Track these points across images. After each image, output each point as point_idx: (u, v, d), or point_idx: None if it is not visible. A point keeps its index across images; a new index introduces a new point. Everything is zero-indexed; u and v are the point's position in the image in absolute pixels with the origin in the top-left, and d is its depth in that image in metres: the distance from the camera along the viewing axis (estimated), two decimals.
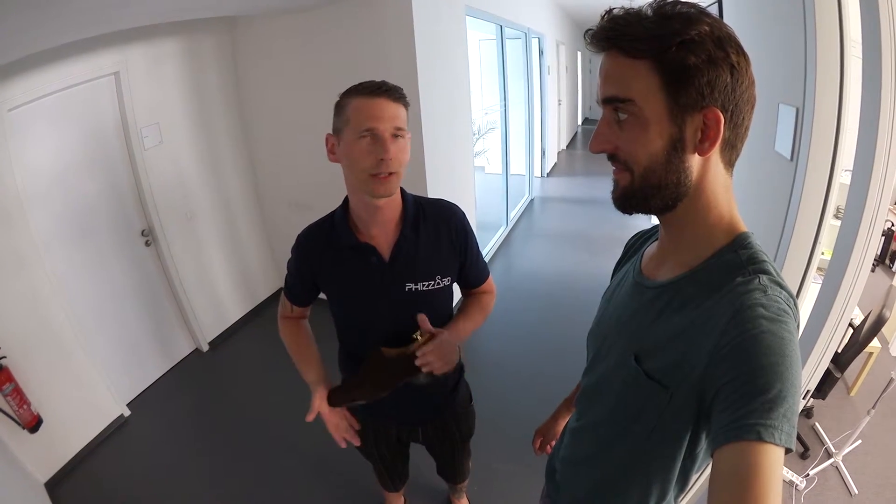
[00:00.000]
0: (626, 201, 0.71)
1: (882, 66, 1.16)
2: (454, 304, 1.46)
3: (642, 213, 0.72)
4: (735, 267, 0.68)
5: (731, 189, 0.71)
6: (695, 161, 0.67)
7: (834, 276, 1.38)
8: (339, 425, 1.34)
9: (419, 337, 1.21)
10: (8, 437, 2.24)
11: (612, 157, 0.70)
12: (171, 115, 3.12)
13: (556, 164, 9.12)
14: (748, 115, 0.66)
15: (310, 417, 1.30)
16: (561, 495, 1.06)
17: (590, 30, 0.67)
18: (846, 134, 1.48)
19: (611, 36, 0.64)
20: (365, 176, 1.13)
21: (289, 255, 1.37)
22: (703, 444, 0.75)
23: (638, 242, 0.98)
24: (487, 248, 5.02)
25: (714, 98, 0.62)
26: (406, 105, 1.17)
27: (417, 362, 1.18)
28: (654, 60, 0.62)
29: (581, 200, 7.04)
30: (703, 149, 0.65)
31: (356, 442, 1.37)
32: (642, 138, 0.65)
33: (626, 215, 0.74)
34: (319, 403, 1.30)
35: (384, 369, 1.25)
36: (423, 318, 1.21)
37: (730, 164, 0.70)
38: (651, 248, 0.87)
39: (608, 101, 0.67)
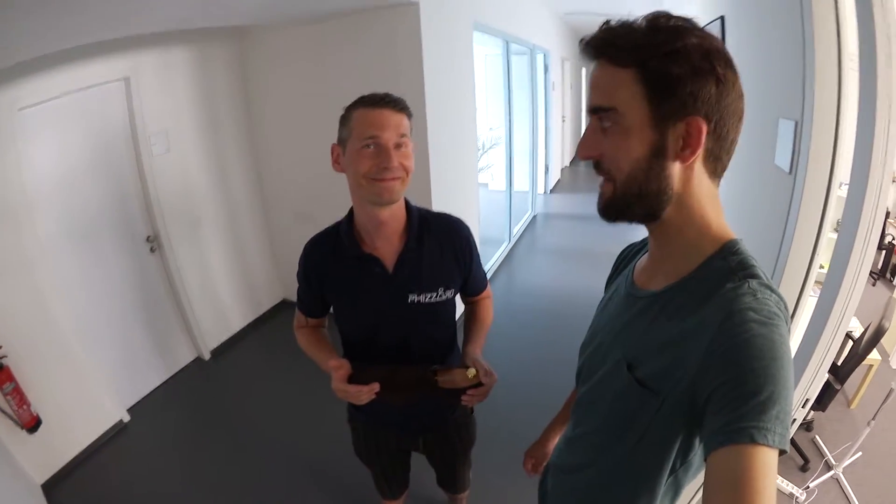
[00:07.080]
0: (609, 210, 0.73)
1: (877, 79, 1.18)
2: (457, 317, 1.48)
3: (626, 221, 0.73)
4: (725, 273, 0.68)
5: (717, 198, 0.73)
6: (676, 169, 0.68)
7: (831, 288, 1.38)
8: (362, 390, 1.18)
9: (470, 374, 1.21)
10: (6, 436, 2.24)
11: (598, 166, 0.72)
12: (179, 122, 3.16)
13: (559, 180, 9.15)
14: (734, 127, 0.67)
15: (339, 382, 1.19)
16: (552, 502, 1.06)
17: (583, 39, 0.69)
18: (843, 147, 1.50)
19: (599, 45, 0.67)
20: (367, 181, 1.15)
21: (294, 266, 1.38)
22: (698, 451, 0.75)
23: (630, 255, 0.99)
24: (490, 264, 5.02)
25: (697, 108, 0.64)
26: (409, 115, 1.19)
27: (465, 399, 1.20)
28: (638, 69, 0.64)
29: (583, 217, 7.00)
30: (684, 156, 0.66)
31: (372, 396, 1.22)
32: (624, 145, 0.67)
33: (629, 231, 0.76)
34: (342, 376, 1.18)
35: (429, 390, 1.23)
36: (480, 364, 1.22)
37: (715, 174, 0.71)
38: (642, 260, 0.87)
39: (593, 111, 0.70)
